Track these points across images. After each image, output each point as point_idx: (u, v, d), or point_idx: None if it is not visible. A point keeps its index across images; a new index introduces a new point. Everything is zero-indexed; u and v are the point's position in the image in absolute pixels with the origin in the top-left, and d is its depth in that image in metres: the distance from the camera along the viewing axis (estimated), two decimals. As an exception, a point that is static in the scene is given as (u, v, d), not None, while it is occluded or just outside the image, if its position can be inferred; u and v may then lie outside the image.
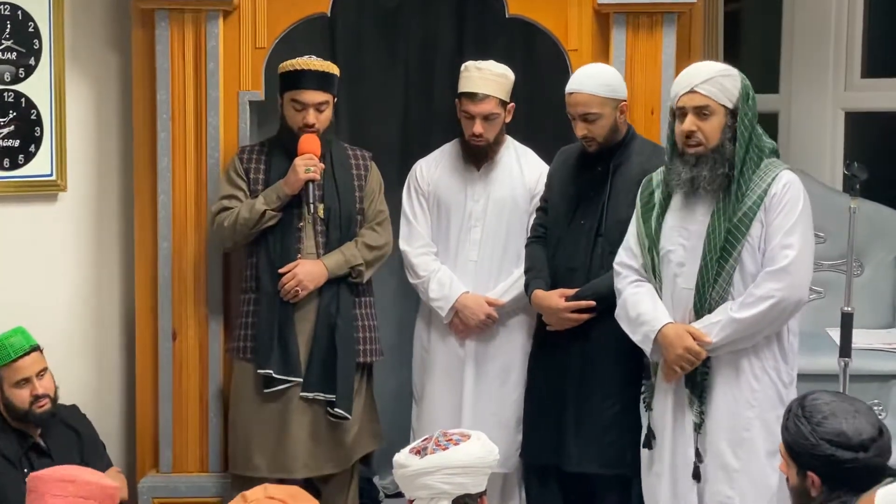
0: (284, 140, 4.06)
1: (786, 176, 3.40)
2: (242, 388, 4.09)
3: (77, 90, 4.29)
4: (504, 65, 4.15)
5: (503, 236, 4.18)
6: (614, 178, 3.83)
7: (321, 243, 4.04)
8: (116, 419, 4.53)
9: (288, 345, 3.98)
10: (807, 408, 2.62)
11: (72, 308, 4.33)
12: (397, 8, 5.03)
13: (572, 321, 3.80)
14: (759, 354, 3.42)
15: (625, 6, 4.18)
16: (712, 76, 3.39)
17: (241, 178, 4.07)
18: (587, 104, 3.77)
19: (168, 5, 4.23)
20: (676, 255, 3.46)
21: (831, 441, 2.55)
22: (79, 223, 4.38)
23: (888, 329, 4.83)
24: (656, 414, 3.56)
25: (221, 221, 4.02)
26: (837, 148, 5.41)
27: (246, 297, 4.10)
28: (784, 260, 3.33)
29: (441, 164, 4.27)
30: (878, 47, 5.51)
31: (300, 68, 3.97)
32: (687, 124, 3.38)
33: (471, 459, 2.63)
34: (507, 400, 4.17)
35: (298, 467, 4.02)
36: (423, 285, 4.18)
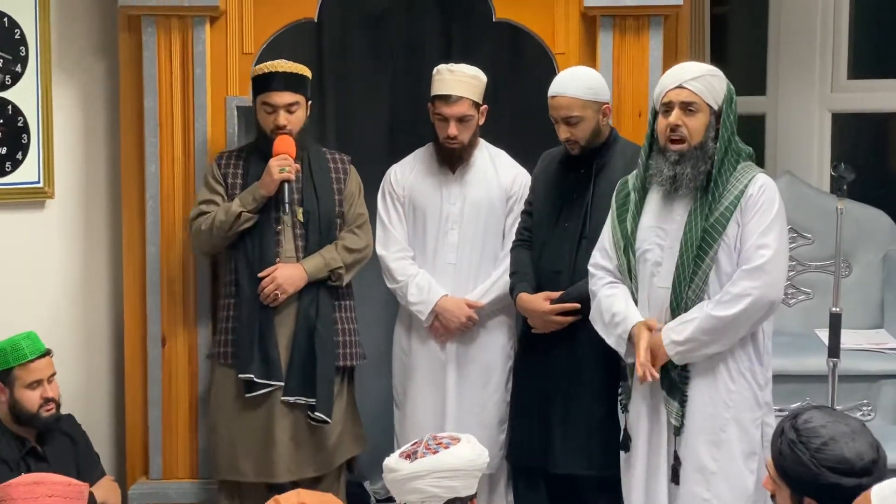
0: (260, 144, 4.06)
1: (762, 178, 3.43)
2: (224, 394, 4.07)
3: (64, 97, 4.29)
4: (478, 67, 4.15)
5: (481, 238, 4.19)
6: (597, 180, 3.84)
7: (301, 247, 4.04)
8: (106, 426, 4.52)
9: (268, 349, 3.97)
10: (802, 432, 2.51)
11: (60, 315, 4.32)
12: (384, 12, 5.04)
13: (557, 324, 3.81)
14: (735, 356, 3.44)
15: (611, 9, 4.19)
16: (702, 74, 3.42)
17: (218, 183, 4.07)
18: (570, 107, 3.78)
19: (155, 11, 4.23)
20: (653, 255, 3.49)
21: (834, 469, 2.45)
22: (66, 230, 4.37)
23: (876, 329, 4.84)
24: (632, 416, 3.57)
25: (199, 226, 4.02)
26: (824, 149, 5.43)
27: (226, 302, 4.09)
28: (760, 259, 3.35)
29: (415, 169, 4.27)
30: (864, 49, 5.53)
31: (269, 71, 3.98)
32: (673, 118, 3.40)
33: (461, 463, 2.63)
34: (490, 401, 4.18)
35: (282, 471, 4.01)
36: (402, 290, 4.18)
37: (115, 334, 4.56)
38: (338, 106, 5.08)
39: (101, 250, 4.55)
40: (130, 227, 4.38)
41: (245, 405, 4.01)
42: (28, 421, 3.68)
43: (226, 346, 4.06)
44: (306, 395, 4.00)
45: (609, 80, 4.21)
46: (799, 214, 4.86)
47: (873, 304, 4.89)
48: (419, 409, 4.21)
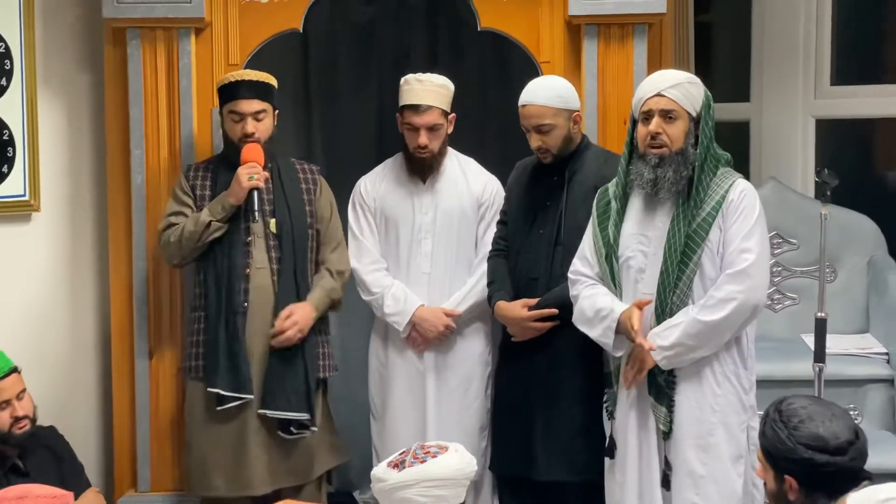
0: (229, 155, 4.04)
1: (742, 183, 3.47)
2: (195, 408, 4.04)
3: (49, 110, 4.28)
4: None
5: (454, 246, 4.20)
6: (570, 187, 3.86)
7: (275, 258, 4.01)
8: (93, 439, 4.52)
9: (237, 362, 3.93)
10: (783, 412, 2.64)
11: (47, 328, 4.31)
12: (370, 23, 5.04)
13: (536, 330, 3.82)
14: (721, 360, 3.46)
15: (596, 18, 4.21)
16: (680, 82, 3.46)
17: (187, 194, 4.05)
18: (540, 116, 3.81)
19: (140, 23, 4.23)
20: (636, 262, 3.51)
21: (808, 445, 2.57)
22: (53, 243, 4.36)
23: (862, 334, 4.86)
24: (619, 422, 3.58)
25: (168, 237, 3.99)
26: (808, 155, 5.45)
27: (195, 315, 4.06)
28: (744, 263, 3.38)
29: (385, 179, 4.27)
30: (847, 55, 5.56)
31: (235, 80, 3.98)
32: (653, 126, 3.43)
33: (449, 472, 2.63)
34: (471, 408, 4.19)
35: (257, 484, 3.99)
36: (378, 301, 4.18)
37: (103, 347, 4.55)
38: (324, 117, 5.08)
39: (88, 263, 4.54)
40: (117, 239, 4.38)
41: (216, 419, 3.98)
42: (2, 440, 3.64)
43: (196, 359, 4.03)
44: (286, 409, 3.96)
45: (594, 87, 4.24)
46: (784, 220, 4.88)
47: (859, 309, 4.91)
48: (399, 420, 4.21)
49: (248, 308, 3.96)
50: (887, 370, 4.54)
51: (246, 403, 3.96)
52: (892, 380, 4.52)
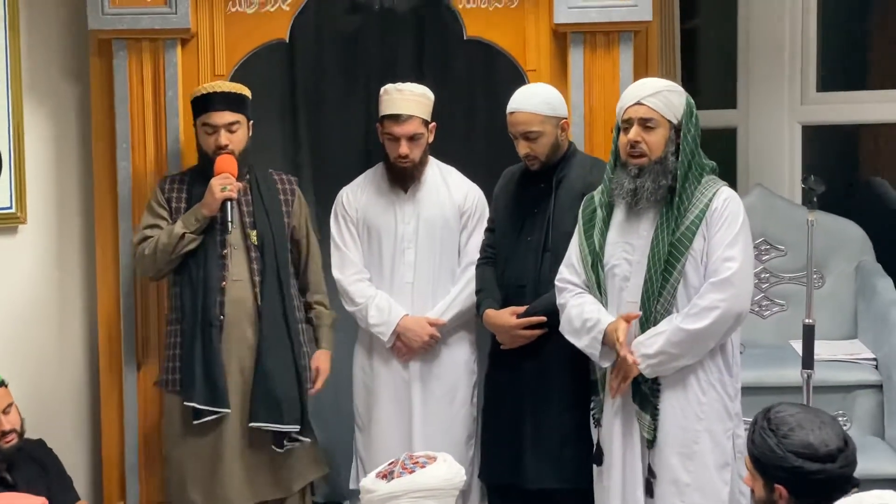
0: (203, 167, 4.02)
1: (726, 191, 3.47)
2: (173, 422, 4.02)
3: (35, 121, 4.27)
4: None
5: (437, 256, 4.20)
6: (557, 193, 3.86)
7: (256, 270, 4.00)
8: (82, 451, 4.50)
9: (214, 376, 3.90)
10: (772, 420, 2.63)
11: (34, 340, 4.30)
12: (356, 32, 5.04)
13: (525, 338, 3.82)
14: (705, 368, 3.46)
15: (581, 26, 4.21)
16: (660, 90, 3.46)
17: (162, 207, 4.03)
18: (528, 123, 3.81)
19: (126, 34, 4.23)
20: (621, 270, 3.51)
21: (798, 453, 2.56)
22: (40, 255, 4.35)
23: (850, 340, 4.86)
24: (605, 430, 3.58)
25: (142, 250, 3.97)
26: (795, 161, 5.46)
27: (172, 329, 4.04)
28: (727, 271, 3.38)
29: (367, 190, 4.27)
30: (833, 61, 5.58)
31: (208, 91, 3.96)
32: (632, 134, 3.44)
33: (437, 482, 2.63)
34: (457, 418, 4.19)
35: (235, 497, 3.97)
36: (362, 312, 4.18)
37: (90, 359, 4.54)
38: (311, 126, 5.08)
39: (75, 275, 4.53)
40: (104, 251, 4.36)
41: (193, 432, 3.96)
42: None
43: (173, 373, 4.01)
44: (279, 422, 3.95)
45: (580, 95, 4.24)
46: (771, 226, 4.89)
47: (847, 315, 4.92)
48: (385, 431, 4.20)
49: (224, 321, 3.95)
50: (876, 376, 4.55)
51: (223, 416, 3.94)
52: (881, 385, 4.52)
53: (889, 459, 4.31)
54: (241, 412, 3.97)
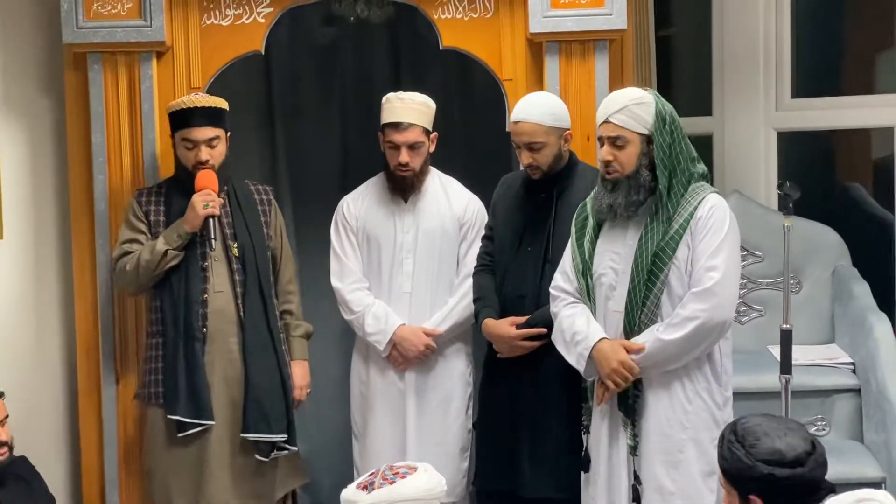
0: (181, 179, 4.02)
1: (712, 199, 3.45)
2: (156, 434, 4.01)
3: (11, 135, 4.25)
4: (427, 95, 4.17)
5: (435, 266, 4.20)
6: (559, 204, 3.86)
7: (239, 281, 4.00)
8: (61, 465, 4.48)
9: (197, 389, 3.91)
10: (739, 432, 2.63)
11: (12, 356, 4.27)
12: (332, 44, 5.05)
13: (524, 349, 3.81)
14: (691, 377, 3.46)
15: (557, 35, 4.22)
16: (624, 105, 3.44)
17: (140, 220, 4.02)
18: (532, 133, 3.80)
19: (101, 48, 4.22)
20: (608, 279, 3.51)
21: (767, 461, 2.56)
22: (17, 270, 4.33)
23: (828, 344, 4.89)
24: (593, 437, 3.59)
25: (123, 266, 3.96)
26: (771, 167, 5.48)
27: (153, 342, 4.03)
28: (709, 281, 3.36)
29: (367, 199, 4.27)
30: (807, 68, 5.60)
31: (187, 106, 3.95)
32: (603, 154, 3.45)
33: (418, 492, 2.62)
34: (451, 429, 4.19)
35: None
36: (359, 321, 4.18)
37: (69, 373, 4.52)
38: (288, 137, 5.08)
39: (53, 289, 4.51)
40: (81, 265, 4.35)
41: (177, 443, 3.96)
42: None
43: (155, 386, 4.00)
44: (266, 432, 3.96)
45: (561, 105, 4.25)
46: (748, 232, 4.89)
47: (824, 320, 4.94)
48: (379, 440, 4.20)
49: (206, 333, 3.95)
50: (853, 380, 4.57)
51: (208, 428, 3.94)
52: (859, 389, 4.54)
53: (868, 463, 4.33)
54: (226, 423, 3.97)
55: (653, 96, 3.47)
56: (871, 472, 4.26)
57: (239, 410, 3.99)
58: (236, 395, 3.99)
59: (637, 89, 3.53)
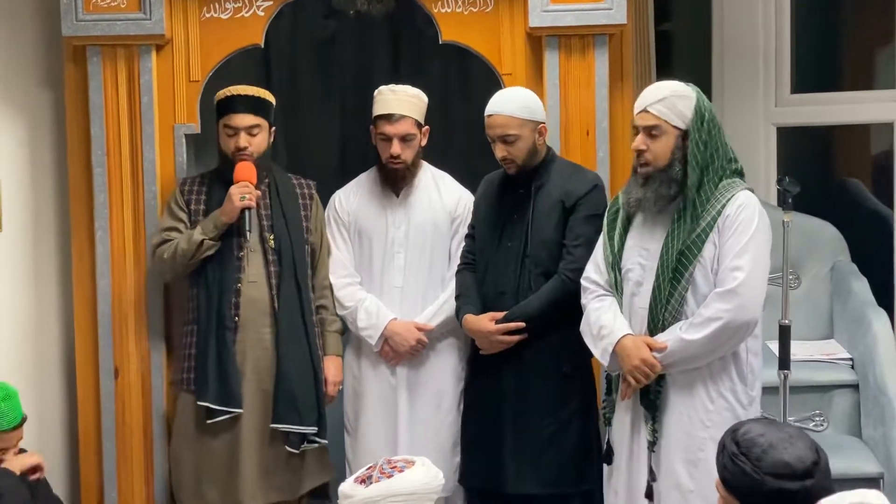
0: (223, 170, 4.07)
1: (741, 197, 3.39)
2: (186, 420, 4.06)
3: (10, 128, 4.25)
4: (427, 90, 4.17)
5: (427, 261, 4.20)
6: (536, 200, 3.87)
7: (274, 273, 4.03)
8: (60, 459, 4.48)
9: (227, 376, 3.95)
10: (742, 444, 2.54)
11: (11, 348, 4.27)
12: (331, 37, 5.05)
13: (504, 343, 3.82)
14: (715, 376, 3.43)
15: (556, 29, 4.22)
16: (665, 96, 3.41)
17: (181, 209, 4.07)
18: (506, 126, 3.81)
19: (100, 41, 4.21)
20: (635, 274, 3.50)
21: (776, 474, 2.47)
22: (16, 263, 4.33)
23: (826, 340, 4.89)
24: (615, 430, 3.59)
25: (161, 254, 4.02)
26: (770, 163, 5.48)
27: (188, 329, 4.08)
28: (733, 282, 3.33)
29: (359, 193, 4.27)
30: (806, 63, 5.60)
31: (231, 94, 4.00)
32: (636, 142, 3.42)
33: (415, 486, 2.63)
34: (443, 424, 4.18)
35: (247, 497, 3.99)
36: (351, 315, 4.18)
37: (67, 367, 4.52)
38: (288, 130, 5.08)
39: (52, 283, 4.51)
40: (80, 258, 4.35)
41: (208, 431, 4.00)
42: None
43: (188, 372, 4.05)
44: (297, 423, 3.99)
45: (556, 99, 4.24)
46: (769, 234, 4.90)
47: (822, 315, 4.94)
48: (371, 435, 4.20)
49: (238, 322, 3.97)
50: (852, 375, 4.57)
51: (237, 416, 3.97)
52: (857, 385, 4.55)
53: (866, 459, 4.33)
54: (256, 412, 4.01)
55: (695, 92, 3.43)
56: (868, 468, 4.27)
57: (269, 401, 4.02)
58: (267, 385, 4.02)
59: (680, 83, 3.47)
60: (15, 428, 3.50)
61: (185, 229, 4.03)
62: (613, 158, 4.24)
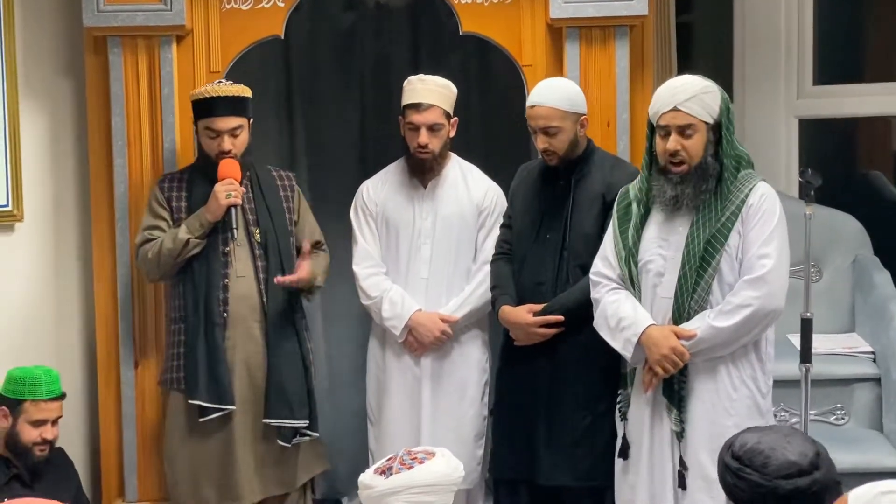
0: (204, 166, 4.04)
1: (762, 187, 3.45)
2: (178, 420, 4.03)
3: (31, 119, 4.26)
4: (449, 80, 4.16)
5: (453, 253, 4.19)
6: (576, 192, 3.85)
7: (261, 267, 4.02)
8: (80, 448, 4.49)
9: (217, 373, 3.93)
10: (742, 457, 2.49)
11: (31, 339, 4.29)
12: (351, 28, 5.04)
13: (541, 336, 3.80)
14: (738, 363, 3.45)
15: (577, 20, 4.21)
16: (695, 94, 3.40)
17: (162, 207, 4.03)
18: (548, 118, 3.79)
19: (121, 32, 4.22)
20: (656, 266, 3.48)
21: (787, 475, 2.43)
22: (37, 253, 4.34)
23: (848, 333, 4.86)
24: (632, 424, 3.57)
25: (146, 253, 3.98)
26: (792, 155, 5.46)
27: (175, 328, 4.04)
28: (761, 269, 3.36)
29: (387, 184, 4.27)
30: (829, 55, 5.57)
31: (211, 95, 3.95)
32: (671, 144, 3.40)
33: (436, 478, 2.62)
34: (466, 416, 4.18)
35: (246, 493, 3.99)
36: (376, 306, 4.17)
37: (88, 356, 4.54)
38: (307, 122, 5.07)
39: (72, 272, 4.52)
40: (101, 248, 4.36)
41: (201, 430, 3.97)
42: (19, 454, 3.69)
43: (178, 371, 4.02)
44: (289, 417, 3.98)
45: (580, 90, 4.23)
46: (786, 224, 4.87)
47: (844, 308, 4.92)
48: (394, 426, 4.20)
49: (227, 318, 3.96)
50: (874, 369, 4.55)
51: (230, 413, 3.95)
52: (879, 378, 4.52)
53: (887, 452, 4.31)
54: (248, 408, 4.00)
55: (715, 84, 3.46)
56: (890, 462, 4.24)
57: (261, 396, 4.01)
58: (258, 380, 4.01)
59: (698, 77, 3.47)
60: (54, 399, 3.72)
61: (168, 227, 4.00)
62: (634, 150, 4.23)
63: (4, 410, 3.70)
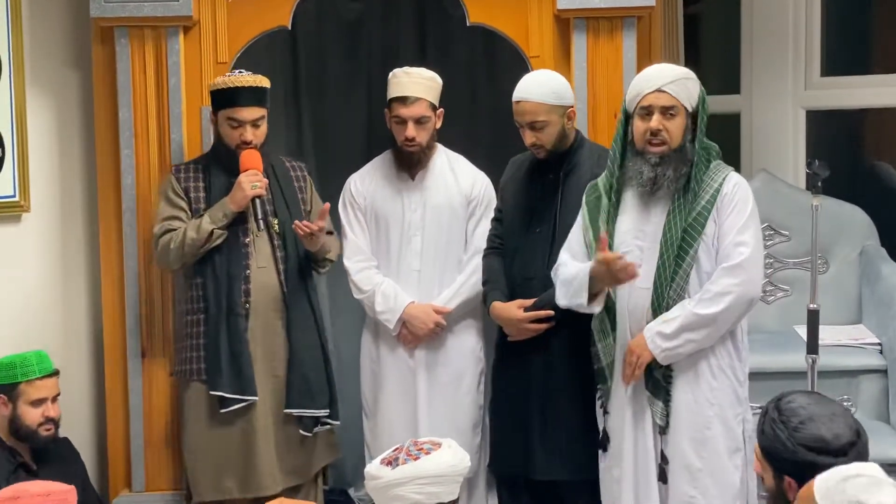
0: (221, 157, 4.03)
1: (735, 177, 3.50)
2: (198, 411, 4.03)
3: (38, 109, 4.27)
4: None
5: (444, 244, 4.19)
6: (565, 185, 3.84)
7: (280, 258, 4.03)
8: (87, 439, 4.51)
9: (240, 364, 3.93)
10: (783, 411, 2.56)
11: (38, 330, 4.30)
12: (358, 19, 5.04)
13: (532, 331, 3.80)
14: (716, 353, 3.48)
15: (584, 11, 4.20)
16: (679, 77, 3.45)
17: (180, 197, 4.03)
18: (534, 112, 3.78)
19: (128, 22, 4.22)
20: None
21: (810, 447, 2.48)
22: (44, 244, 4.35)
23: (855, 324, 4.86)
24: (614, 417, 3.58)
25: (167, 243, 3.96)
26: (799, 146, 5.45)
27: (194, 318, 4.04)
28: (739, 256, 3.40)
29: (375, 177, 4.26)
30: (836, 46, 5.56)
31: (234, 85, 3.94)
32: (654, 122, 3.42)
33: (442, 468, 2.63)
34: (462, 405, 4.19)
35: (269, 484, 3.99)
36: (369, 300, 4.17)
37: (95, 347, 4.55)
38: (314, 112, 5.07)
39: (79, 263, 4.53)
40: (108, 238, 4.37)
41: (222, 421, 3.97)
42: (26, 437, 3.71)
43: (198, 362, 4.01)
44: (311, 407, 4.01)
45: (584, 81, 4.23)
46: (775, 212, 4.88)
47: (851, 300, 4.91)
48: (391, 418, 4.20)
49: (249, 308, 3.97)
50: (880, 360, 4.54)
51: (251, 403, 3.96)
52: (886, 370, 4.52)
53: (894, 444, 4.31)
54: (268, 397, 4.00)
55: (694, 75, 3.50)
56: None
57: (281, 385, 4.02)
58: (279, 370, 4.03)
59: (676, 66, 3.56)
60: (48, 376, 3.75)
61: (187, 217, 3.99)
62: (641, 141, 4.22)
63: (2, 398, 3.71)
